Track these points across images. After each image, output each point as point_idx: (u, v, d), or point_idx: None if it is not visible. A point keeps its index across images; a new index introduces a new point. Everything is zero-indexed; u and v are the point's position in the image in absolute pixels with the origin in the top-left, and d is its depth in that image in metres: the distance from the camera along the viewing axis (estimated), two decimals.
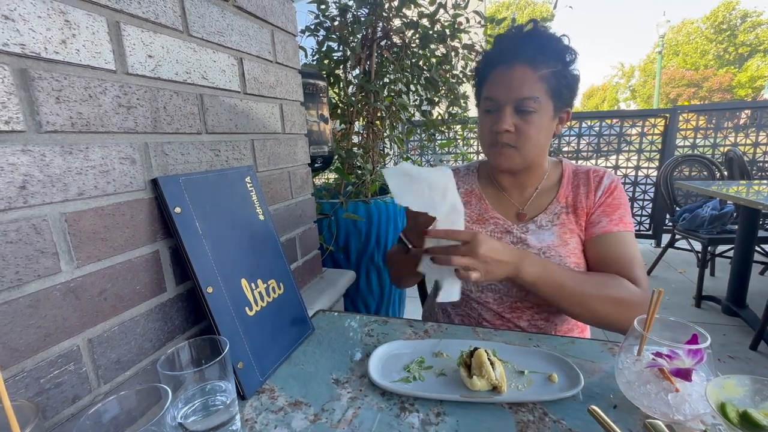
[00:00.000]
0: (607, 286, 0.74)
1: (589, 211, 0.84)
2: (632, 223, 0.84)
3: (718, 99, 26.42)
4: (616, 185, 0.85)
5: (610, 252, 0.80)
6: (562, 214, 0.85)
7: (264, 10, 0.82)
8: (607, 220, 0.82)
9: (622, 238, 0.81)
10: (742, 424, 0.40)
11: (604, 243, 0.81)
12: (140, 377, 0.57)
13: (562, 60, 0.78)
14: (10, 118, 0.42)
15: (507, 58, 0.78)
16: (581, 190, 0.86)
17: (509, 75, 0.77)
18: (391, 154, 2.48)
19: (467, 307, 0.88)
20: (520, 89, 0.76)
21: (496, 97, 0.79)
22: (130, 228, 0.55)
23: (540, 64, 0.76)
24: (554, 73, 0.77)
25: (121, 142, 0.54)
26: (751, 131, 3.48)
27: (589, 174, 0.87)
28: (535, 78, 0.76)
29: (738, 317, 2.22)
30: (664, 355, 0.50)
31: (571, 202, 0.86)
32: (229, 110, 0.73)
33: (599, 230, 0.82)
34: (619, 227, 0.81)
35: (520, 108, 0.77)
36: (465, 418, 0.51)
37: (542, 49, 0.77)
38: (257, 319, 0.65)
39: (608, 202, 0.83)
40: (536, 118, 0.77)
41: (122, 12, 0.53)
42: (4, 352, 0.42)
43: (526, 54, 0.76)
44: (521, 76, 0.76)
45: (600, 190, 0.84)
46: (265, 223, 0.75)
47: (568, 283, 0.72)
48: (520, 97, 0.76)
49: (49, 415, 0.46)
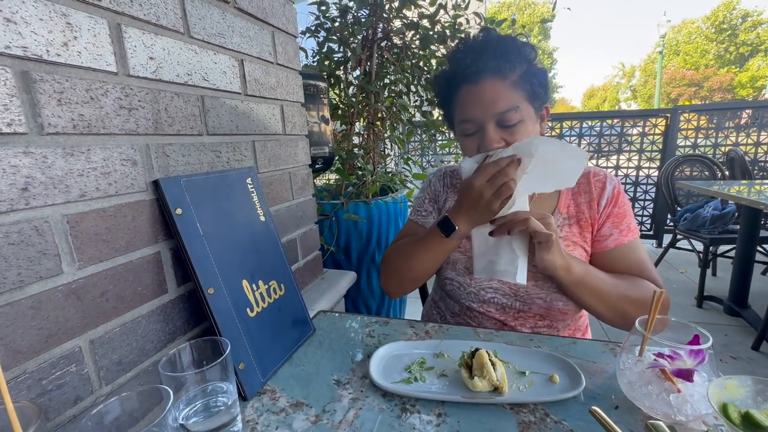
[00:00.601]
0: (640, 288, 0.75)
1: (595, 223, 0.81)
2: (637, 226, 0.83)
3: (719, 99, 26.38)
4: (619, 190, 0.82)
5: (626, 262, 0.79)
6: (564, 226, 0.82)
7: (265, 12, 0.82)
8: (618, 232, 0.80)
9: (633, 245, 0.80)
10: (744, 424, 0.40)
11: (619, 255, 0.80)
12: (142, 378, 0.57)
13: (526, 59, 0.74)
14: (12, 120, 0.42)
15: (470, 75, 0.73)
16: (583, 199, 0.83)
17: (479, 92, 0.73)
18: (392, 155, 2.48)
19: (467, 316, 0.87)
20: (496, 104, 0.72)
21: (474, 118, 0.74)
22: (132, 229, 0.55)
23: (507, 72, 0.72)
24: (524, 76, 0.73)
25: (122, 143, 0.54)
26: (753, 131, 3.47)
27: (589, 179, 0.83)
28: (507, 87, 0.72)
29: (740, 317, 2.22)
30: (666, 356, 0.50)
31: (574, 212, 0.82)
32: (230, 112, 0.74)
33: (612, 243, 0.80)
34: (629, 237, 0.80)
35: (503, 123, 0.73)
36: (466, 419, 0.51)
37: (504, 55, 0.72)
38: (258, 320, 0.65)
39: (615, 213, 0.81)
40: (521, 127, 0.74)
41: (123, 14, 0.53)
42: (6, 353, 0.42)
43: (489, 65, 0.72)
44: (493, 90, 0.72)
45: (604, 198, 0.81)
46: (266, 224, 0.76)
47: (605, 286, 0.73)
48: (500, 111, 0.72)
49: (51, 416, 0.46)
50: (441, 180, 0.96)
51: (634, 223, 0.82)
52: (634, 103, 37.45)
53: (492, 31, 0.77)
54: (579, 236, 0.81)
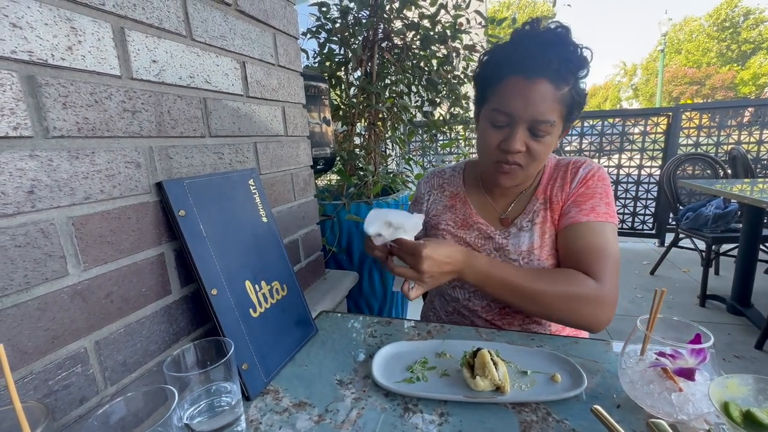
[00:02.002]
0: (557, 282, 0.71)
1: (564, 204, 0.80)
2: (609, 213, 0.77)
3: (721, 97, 26.29)
4: (593, 174, 0.79)
5: (575, 244, 0.75)
6: (540, 211, 0.81)
7: (266, 14, 0.83)
8: (577, 210, 0.77)
9: (590, 228, 0.75)
10: (745, 423, 0.40)
11: (571, 234, 0.77)
12: (146, 379, 0.58)
13: (578, 75, 0.71)
14: (18, 124, 0.42)
15: (529, 67, 0.69)
16: (557, 183, 0.82)
17: (529, 90, 0.69)
18: (393, 155, 2.49)
19: (459, 315, 0.89)
20: (538, 109, 0.69)
21: (511, 113, 0.71)
22: (136, 231, 0.56)
23: (561, 82, 0.69)
24: (570, 92, 0.70)
25: (126, 146, 0.54)
26: (755, 129, 3.46)
27: (568, 166, 0.83)
28: (555, 99, 0.69)
29: (743, 316, 2.21)
30: (668, 355, 0.50)
31: (548, 196, 0.82)
32: (232, 114, 0.74)
33: (567, 221, 0.78)
34: (590, 217, 0.76)
35: (534, 130, 0.71)
36: (468, 419, 0.51)
37: (567, 62, 0.69)
38: (261, 321, 0.66)
39: (580, 192, 0.79)
40: (548, 140, 0.72)
41: (127, 18, 0.54)
42: (13, 354, 0.42)
43: (551, 67, 0.68)
44: (542, 95, 0.69)
45: (575, 181, 0.80)
46: (269, 225, 0.76)
47: (517, 281, 0.70)
48: (537, 119, 0.69)
49: (57, 416, 0.46)
50: (427, 182, 0.99)
51: (605, 209, 0.77)
52: (636, 101, 37.35)
53: (564, 29, 0.71)
54: (550, 220, 0.81)
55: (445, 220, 0.91)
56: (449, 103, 2.02)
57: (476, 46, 1.86)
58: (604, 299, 0.69)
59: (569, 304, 0.69)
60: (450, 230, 0.89)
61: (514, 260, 0.80)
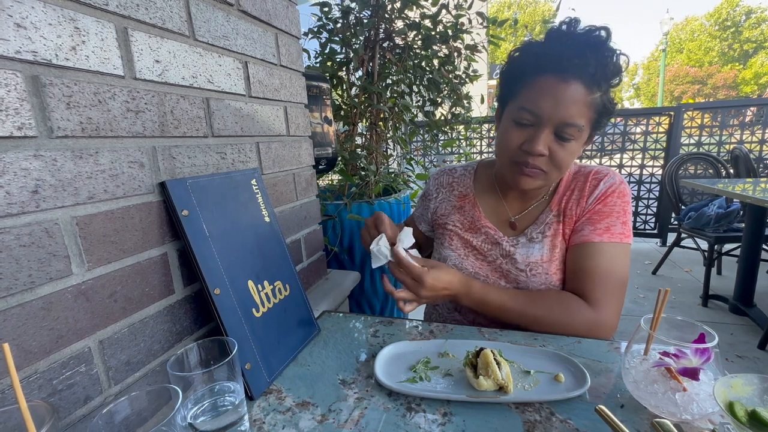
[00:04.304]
0: (554, 310, 0.72)
1: (578, 219, 0.77)
2: (624, 234, 0.75)
3: (723, 96, 26.21)
4: (614, 190, 0.76)
5: (582, 263, 0.74)
6: (553, 223, 0.79)
7: (268, 14, 0.83)
8: (591, 229, 0.75)
9: (601, 249, 0.73)
10: (751, 423, 0.40)
11: (580, 253, 0.75)
12: (150, 378, 0.58)
13: (611, 82, 0.69)
14: (23, 123, 0.43)
15: (564, 68, 0.66)
16: (575, 195, 0.79)
17: (562, 91, 0.66)
18: (395, 155, 2.48)
19: (461, 315, 0.89)
20: (568, 111, 0.66)
21: (539, 113, 0.68)
22: (139, 231, 0.56)
23: (595, 87, 0.67)
24: (601, 98, 0.68)
25: (129, 146, 0.54)
26: (757, 128, 3.45)
27: (588, 177, 0.79)
28: (586, 103, 0.67)
29: (746, 316, 2.20)
30: (671, 355, 0.50)
31: (563, 208, 0.79)
32: (234, 113, 0.74)
33: (579, 239, 0.76)
34: (603, 238, 0.73)
35: (560, 132, 0.68)
36: (471, 418, 0.51)
37: (602, 67, 0.66)
38: (264, 321, 0.66)
39: (597, 209, 0.76)
40: (573, 146, 0.70)
41: (130, 18, 0.54)
42: (18, 353, 0.42)
43: (588, 70, 0.65)
44: (574, 97, 0.66)
45: (594, 195, 0.77)
46: (271, 225, 0.76)
47: (514, 308, 0.73)
48: (566, 121, 0.67)
49: (61, 415, 0.46)
50: (436, 179, 0.98)
51: (620, 229, 0.75)
52: (637, 101, 37.28)
53: (605, 31, 0.68)
54: (562, 233, 0.79)
55: (453, 221, 0.90)
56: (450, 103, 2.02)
57: (477, 46, 1.86)
58: (599, 327, 0.71)
59: (565, 330, 0.72)
60: (458, 232, 0.89)
61: (521, 270, 0.79)
